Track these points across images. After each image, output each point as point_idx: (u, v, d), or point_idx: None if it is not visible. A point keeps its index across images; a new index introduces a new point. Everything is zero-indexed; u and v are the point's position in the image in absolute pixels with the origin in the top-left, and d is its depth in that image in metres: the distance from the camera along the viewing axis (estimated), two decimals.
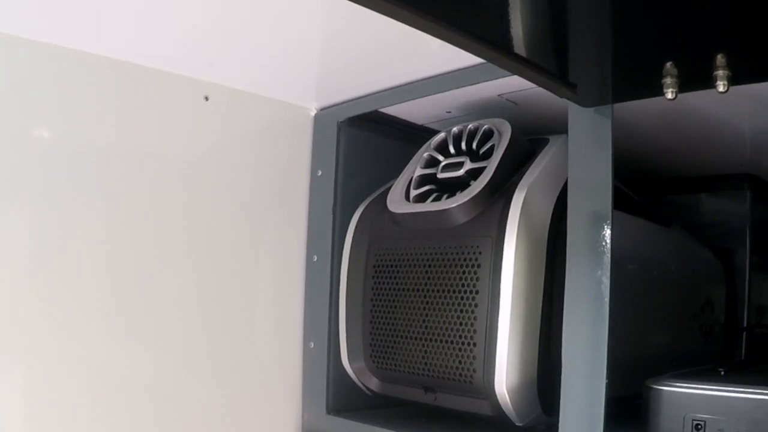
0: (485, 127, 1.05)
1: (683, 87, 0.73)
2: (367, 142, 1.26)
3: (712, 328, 1.27)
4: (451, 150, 1.07)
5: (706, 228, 1.38)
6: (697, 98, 0.75)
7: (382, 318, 1.07)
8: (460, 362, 0.97)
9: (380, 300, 1.08)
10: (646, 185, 1.40)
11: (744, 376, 0.92)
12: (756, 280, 1.36)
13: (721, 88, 0.70)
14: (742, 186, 1.36)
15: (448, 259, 0.99)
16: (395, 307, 1.05)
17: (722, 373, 0.89)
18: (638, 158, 1.30)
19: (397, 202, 1.07)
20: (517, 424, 0.95)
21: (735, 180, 1.37)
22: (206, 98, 1.13)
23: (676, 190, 1.45)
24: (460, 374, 0.97)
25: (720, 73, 0.70)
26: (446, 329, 0.98)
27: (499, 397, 0.92)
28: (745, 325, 1.34)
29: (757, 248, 1.36)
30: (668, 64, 0.71)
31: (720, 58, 0.68)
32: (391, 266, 1.07)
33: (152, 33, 0.98)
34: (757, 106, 0.99)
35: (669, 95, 0.73)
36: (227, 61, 1.09)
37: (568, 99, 0.84)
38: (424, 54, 1.01)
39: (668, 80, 0.73)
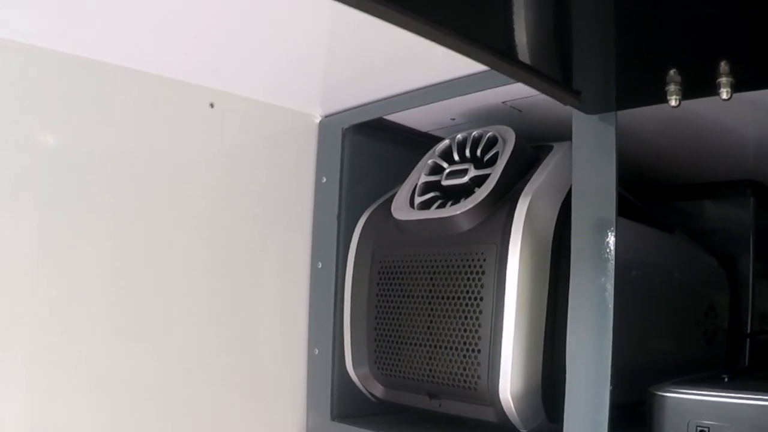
0: (489, 134, 1.05)
1: (687, 94, 0.73)
2: (371, 149, 1.26)
3: (716, 335, 1.27)
4: (456, 157, 1.08)
5: (709, 234, 1.38)
6: (701, 105, 0.76)
7: (386, 325, 1.08)
8: (464, 369, 0.97)
9: (385, 307, 1.08)
10: (649, 192, 1.40)
11: (748, 382, 0.91)
12: (759, 287, 1.36)
13: (724, 95, 0.70)
14: (746, 193, 1.36)
15: (453, 266, 0.99)
16: (400, 313, 1.06)
17: (726, 379, 0.89)
18: (642, 165, 1.30)
19: (401, 209, 1.08)
20: (521, 430, 0.96)
21: (738, 187, 1.37)
22: (211, 105, 1.14)
23: (680, 197, 1.45)
24: (465, 381, 0.97)
25: (723, 80, 0.70)
26: (450, 336, 0.98)
27: (503, 403, 0.92)
28: (748, 331, 1.34)
29: (760, 255, 1.36)
30: (672, 71, 0.71)
31: (723, 65, 0.69)
32: (396, 273, 1.07)
33: (158, 40, 0.99)
34: (760, 114, 0.99)
35: (672, 102, 0.73)
36: (232, 68, 1.09)
37: (571, 106, 0.85)
38: (429, 61, 1.01)
39: (672, 87, 0.73)
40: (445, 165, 1.08)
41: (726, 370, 0.95)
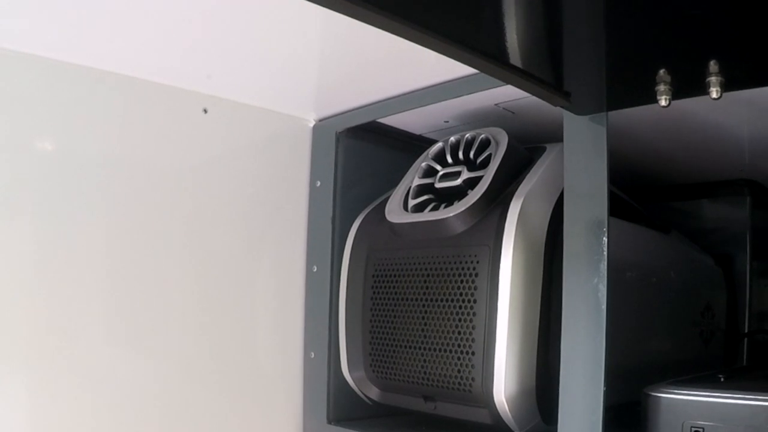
0: (482, 136, 1.05)
1: (677, 94, 0.73)
2: (365, 152, 1.26)
3: (713, 334, 1.27)
4: (449, 159, 1.08)
5: (706, 234, 1.38)
6: (695, 104, 0.76)
7: (381, 327, 1.08)
8: (458, 371, 0.97)
9: (379, 309, 1.08)
10: (646, 192, 1.40)
11: (744, 382, 0.91)
12: (757, 286, 1.36)
13: (714, 95, 0.70)
14: (742, 192, 1.36)
15: (446, 269, 0.99)
16: (394, 316, 1.06)
17: (722, 379, 0.89)
18: (638, 165, 1.30)
19: (395, 212, 1.08)
20: None
21: (735, 186, 1.37)
22: (205, 111, 1.14)
23: (677, 197, 1.45)
24: (459, 383, 0.97)
25: (713, 79, 0.70)
26: (445, 338, 0.98)
27: (497, 405, 0.92)
28: (746, 330, 1.34)
29: (757, 254, 1.36)
30: (661, 71, 0.72)
31: (713, 65, 0.69)
32: (390, 276, 1.07)
33: (152, 47, 0.99)
34: (755, 112, 0.99)
35: (662, 102, 0.73)
36: (226, 73, 1.10)
37: (562, 107, 0.85)
38: (422, 64, 1.02)
39: (661, 87, 0.73)
40: (438, 167, 1.08)
41: (723, 370, 0.95)
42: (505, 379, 0.92)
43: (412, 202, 1.07)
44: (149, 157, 1.08)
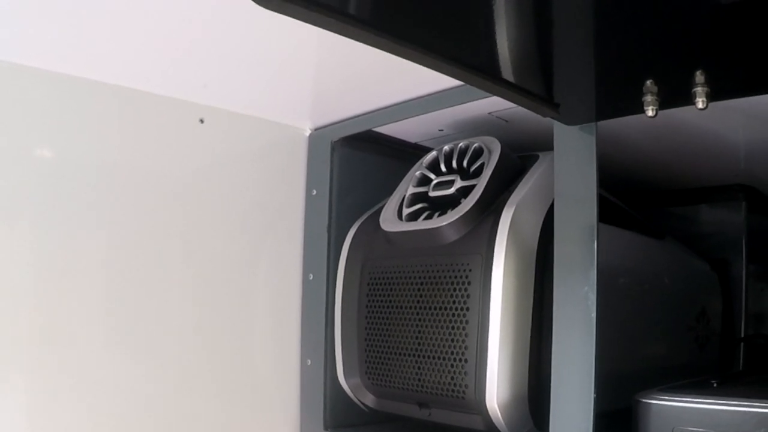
0: (475, 145, 1.06)
1: (663, 104, 0.74)
2: (360, 161, 1.27)
3: (708, 339, 1.27)
4: (443, 168, 1.09)
5: (702, 239, 1.39)
6: (691, 112, 0.76)
7: (376, 335, 1.09)
8: (452, 378, 0.97)
9: (374, 317, 1.09)
10: (642, 197, 1.40)
11: (736, 388, 0.92)
12: (753, 290, 1.36)
13: (700, 105, 0.71)
14: (737, 197, 1.37)
15: (440, 277, 1.00)
16: (389, 324, 1.06)
17: (715, 385, 0.89)
18: (634, 171, 1.31)
19: (389, 221, 1.09)
20: None
21: (730, 191, 1.37)
22: (201, 120, 1.15)
23: (672, 202, 1.45)
24: (453, 390, 0.97)
25: (699, 90, 0.71)
26: (438, 346, 0.99)
27: (490, 412, 0.93)
28: (742, 335, 1.34)
29: (753, 258, 1.36)
30: (648, 82, 0.72)
31: (699, 75, 0.70)
32: (385, 284, 1.08)
33: (148, 58, 1.00)
34: (750, 118, 0.99)
35: (650, 113, 0.74)
36: (222, 83, 1.11)
37: (551, 118, 0.85)
38: (416, 74, 1.01)
39: (648, 98, 0.74)
40: (432, 176, 1.09)
41: (716, 376, 0.95)
42: (497, 386, 0.92)
43: (406, 211, 1.08)
44: (147, 166, 1.09)
